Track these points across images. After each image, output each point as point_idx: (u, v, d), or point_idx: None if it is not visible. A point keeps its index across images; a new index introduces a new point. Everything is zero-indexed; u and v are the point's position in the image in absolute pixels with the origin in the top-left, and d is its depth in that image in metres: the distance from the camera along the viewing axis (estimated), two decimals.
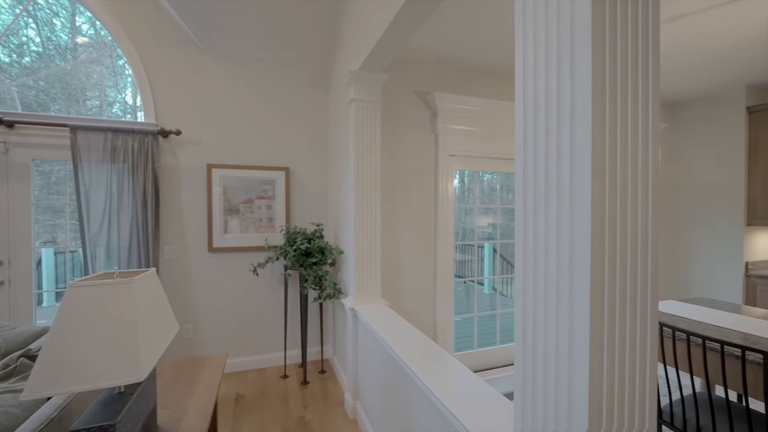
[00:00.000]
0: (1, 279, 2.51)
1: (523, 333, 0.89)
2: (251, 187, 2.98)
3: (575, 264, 0.76)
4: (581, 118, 0.75)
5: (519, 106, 0.90)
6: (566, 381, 0.78)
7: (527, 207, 0.87)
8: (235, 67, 2.96)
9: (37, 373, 0.81)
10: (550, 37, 0.81)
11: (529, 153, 0.87)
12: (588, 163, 0.74)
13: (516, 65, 0.91)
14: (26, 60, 2.79)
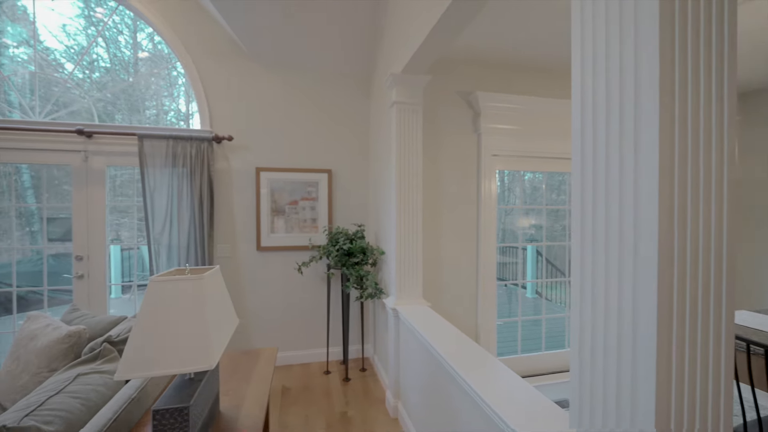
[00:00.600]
0: (82, 272, 2.82)
1: (579, 342, 0.86)
2: (296, 189, 3.10)
3: (640, 270, 0.73)
4: (647, 115, 0.72)
5: (576, 104, 0.88)
6: (629, 397, 0.75)
7: (585, 209, 0.85)
8: (281, 74, 3.10)
9: (126, 358, 0.92)
10: (611, 29, 0.78)
11: (588, 152, 0.84)
12: (655, 163, 0.71)
13: (573, 59, 0.88)
14: (96, 75, 3.11)
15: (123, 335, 1.65)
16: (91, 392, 1.28)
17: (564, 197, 3.80)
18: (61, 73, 2.99)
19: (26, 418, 1.07)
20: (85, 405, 1.23)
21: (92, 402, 1.26)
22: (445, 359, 1.56)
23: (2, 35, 2.94)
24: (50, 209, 3.06)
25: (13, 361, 1.70)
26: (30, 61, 2.97)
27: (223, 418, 1.26)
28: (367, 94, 3.30)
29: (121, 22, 3.37)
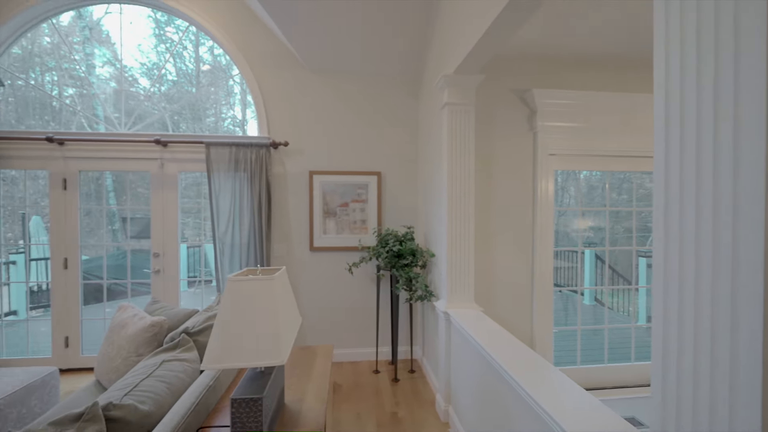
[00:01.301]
0: (158, 268, 3.13)
1: (663, 358, 0.79)
2: (346, 191, 3.19)
3: (741, 276, 0.66)
4: (749, 110, 0.65)
5: (659, 99, 0.81)
6: (726, 422, 0.68)
7: (670, 210, 0.78)
8: (333, 80, 3.21)
9: (210, 350, 1.01)
10: (704, 16, 0.71)
11: (673, 151, 0.77)
12: (762, 162, 0.63)
13: (656, 43, 0.82)
14: (164, 88, 3.43)
15: (197, 327, 1.80)
16: (174, 378, 1.42)
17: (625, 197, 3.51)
18: (136, 87, 3.35)
19: (125, 396, 1.21)
20: (170, 389, 1.37)
21: (175, 386, 1.40)
22: (502, 366, 1.52)
23: (92, 57, 3.36)
24: (126, 209, 3.43)
25: (108, 345, 1.93)
26: (112, 78, 3.36)
27: (287, 410, 1.33)
28: (416, 96, 3.30)
29: (186, 38, 3.69)
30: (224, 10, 3.10)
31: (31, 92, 3.29)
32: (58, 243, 3.10)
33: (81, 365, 3.12)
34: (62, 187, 3.07)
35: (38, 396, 2.07)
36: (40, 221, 5.35)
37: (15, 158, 3.01)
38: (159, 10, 3.24)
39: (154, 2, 3.10)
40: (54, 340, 3.11)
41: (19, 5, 2.94)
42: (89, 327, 3.23)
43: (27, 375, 2.07)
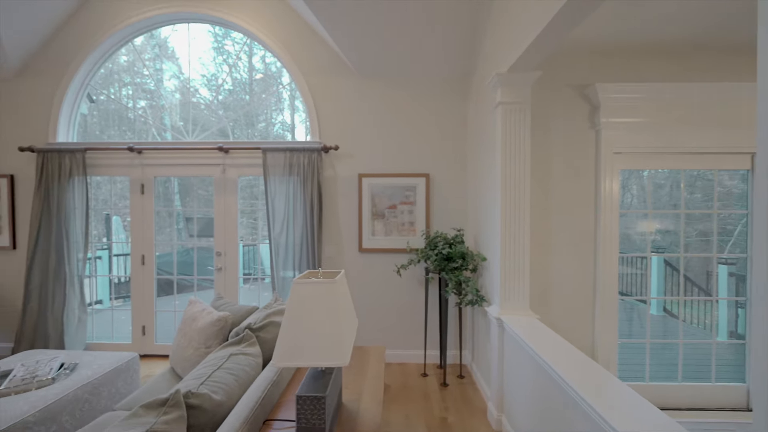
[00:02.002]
0: (220, 266, 3.37)
1: None
2: (394, 194, 3.21)
3: None
4: None
5: (765, 87, 0.72)
6: None
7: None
8: (381, 84, 3.24)
9: (279, 348, 1.06)
10: None
11: None
12: None
13: (760, 30, 0.73)
14: (220, 97, 3.67)
15: (258, 324, 1.91)
16: (241, 371, 1.52)
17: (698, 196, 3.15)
18: (198, 98, 3.63)
19: (201, 386, 1.32)
20: (237, 380, 1.46)
21: (242, 378, 1.49)
22: (565, 380, 1.44)
23: (161, 72, 3.71)
24: (189, 210, 3.73)
25: (182, 337, 2.11)
26: (176, 90, 3.68)
27: (345, 409, 1.37)
28: (465, 97, 3.24)
29: (241, 49, 3.93)
30: (278, 21, 3.26)
31: (111, 105, 3.71)
32: (137, 242, 3.45)
33: (155, 352, 3.45)
34: (140, 191, 3.41)
35: (123, 378, 2.32)
36: (119, 221, 6.00)
37: (103, 166, 3.40)
38: (218, 25, 3.49)
39: (216, 18, 3.34)
40: (133, 329, 3.47)
41: (107, 32, 3.32)
42: (161, 317, 3.56)
43: (115, 359, 2.33)
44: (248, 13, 3.27)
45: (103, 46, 3.38)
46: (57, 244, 3.22)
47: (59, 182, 3.23)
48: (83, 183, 3.26)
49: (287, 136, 3.76)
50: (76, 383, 2.03)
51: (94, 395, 2.09)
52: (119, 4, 3.32)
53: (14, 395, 1.90)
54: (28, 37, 3.25)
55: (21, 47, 3.26)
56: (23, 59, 3.36)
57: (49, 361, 2.20)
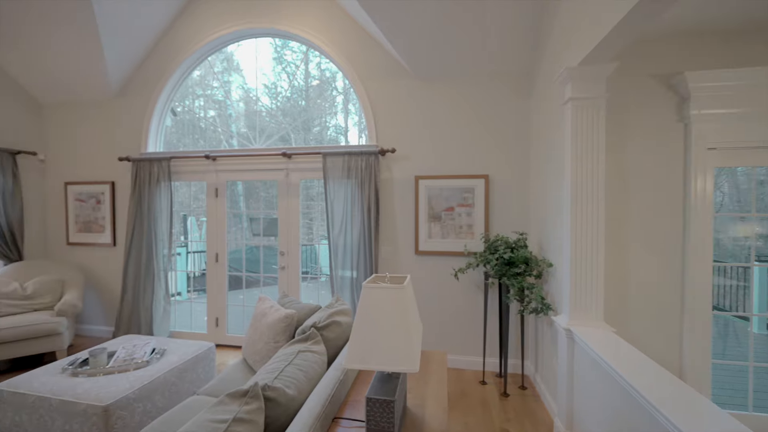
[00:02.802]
0: (283, 265, 3.57)
1: None
2: (452, 196, 3.15)
3: None
4: None
5: None
6: None
7: None
8: (438, 85, 3.21)
9: (350, 350, 1.09)
10: None
11: None
12: None
13: None
14: (279, 104, 3.88)
15: (323, 323, 1.98)
16: (309, 367, 1.59)
17: None
18: (259, 106, 3.87)
19: (275, 380, 1.40)
20: (306, 377, 1.53)
21: (310, 375, 1.56)
22: (654, 405, 1.30)
23: (229, 84, 4.02)
24: (252, 211, 3.99)
25: (253, 331, 2.27)
26: (241, 100, 3.97)
27: (410, 413, 1.37)
28: (527, 94, 3.08)
29: (298, 57, 4.12)
30: (336, 28, 3.37)
31: (186, 116, 4.10)
32: (212, 241, 3.79)
33: (227, 342, 3.75)
34: (215, 195, 3.74)
35: (202, 365, 2.55)
36: (194, 221, 6.64)
37: (184, 172, 3.78)
38: (280, 38, 3.70)
39: (278, 32, 3.55)
40: (208, 320, 3.81)
41: (186, 53, 3.69)
42: (232, 310, 3.86)
43: (195, 347, 2.57)
44: (307, 23, 3.43)
45: (183, 66, 3.76)
46: (147, 242, 3.65)
47: (149, 187, 3.65)
48: (168, 188, 3.66)
49: (340, 139, 3.87)
50: (165, 367, 2.27)
51: (180, 379, 2.33)
52: (196, 28, 3.67)
53: (117, 374, 2.19)
54: (125, 64, 3.72)
55: (119, 73, 3.75)
56: (121, 83, 3.85)
57: (143, 345, 2.49)
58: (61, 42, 3.40)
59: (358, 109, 3.88)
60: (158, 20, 3.60)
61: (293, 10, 3.44)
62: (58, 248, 4.15)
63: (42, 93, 3.99)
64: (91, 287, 4.05)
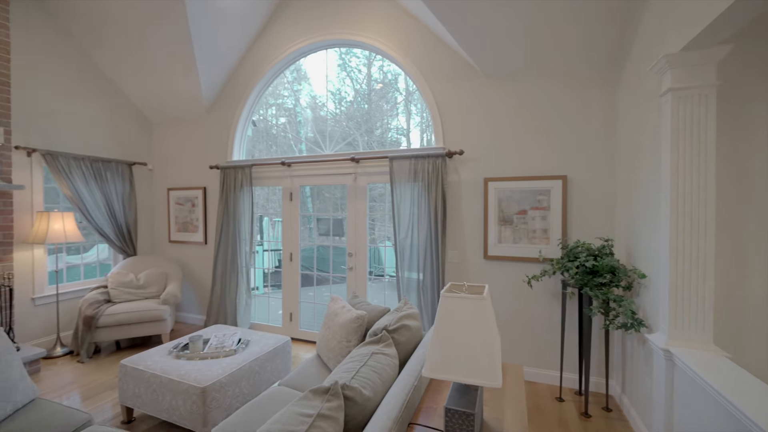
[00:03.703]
0: (352, 265, 3.70)
1: None
2: (524, 198, 2.99)
3: None
4: None
5: None
6: None
7: None
8: (508, 82, 3.06)
9: (430, 359, 1.10)
10: None
11: None
12: None
13: None
14: (343, 108, 4.00)
15: (393, 325, 2.01)
16: (383, 370, 1.63)
17: None
18: (325, 111, 4.05)
19: (352, 380, 1.46)
20: (381, 378, 1.57)
21: (384, 377, 1.59)
22: None
23: (299, 92, 4.27)
24: (319, 213, 4.18)
25: (326, 329, 2.39)
26: (308, 107, 4.19)
27: (487, 427, 1.32)
28: (613, 87, 2.79)
29: (361, 62, 4.22)
30: (401, 31, 3.40)
31: (260, 124, 4.45)
32: (287, 241, 4.07)
33: (299, 336, 4.00)
34: (289, 198, 4.01)
35: (280, 357, 2.75)
36: (267, 222, 7.20)
37: (263, 178, 4.12)
38: (347, 47, 3.83)
39: (345, 41, 3.68)
40: (283, 315, 4.10)
41: (264, 69, 4.02)
42: (304, 306, 4.10)
43: (274, 340, 2.78)
44: (372, 29, 3.51)
45: (261, 81, 4.09)
46: (233, 241, 4.04)
47: (234, 192, 4.04)
48: (250, 192, 4.01)
49: (402, 141, 3.90)
50: (250, 357, 2.49)
51: (262, 368, 2.54)
52: (271, 47, 3.98)
53: (210, 359, 2.45)
54: (214, 84, 4.17)
55: (210, 92, 4.22)
56: (211, 99, 4.33)
57: (231, 335, 2.77)
58: (167, 69, 3.93)
59: (420, 110, 3.87)
60: (240, 43, 3.98)
61: (359, 17, 3.55)
62: (162, 245, 4.80)
63: (152, 113, 4.65)
64: (186, 280, 4.62)
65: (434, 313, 3.16)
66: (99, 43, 3.87)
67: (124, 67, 4.08)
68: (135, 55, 3.89)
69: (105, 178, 4.12)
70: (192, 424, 2.13)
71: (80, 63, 3.98)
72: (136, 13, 3.44)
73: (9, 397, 1.73)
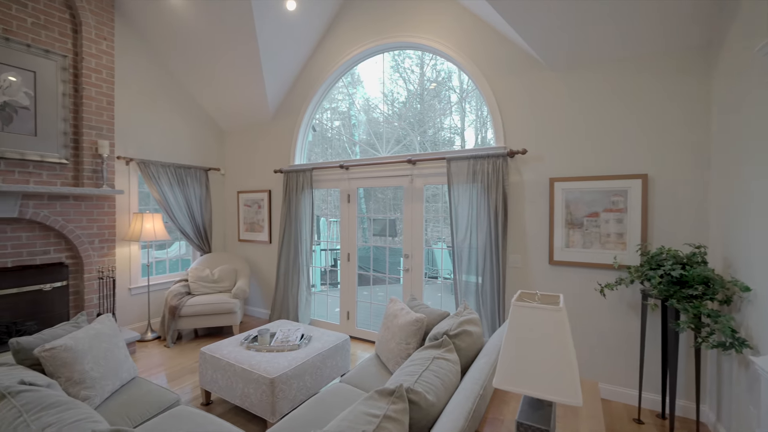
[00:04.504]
0: (407, 267, 3.70)
1: None
2: (596, 200, 2.75)
3: None
4: None
5: None
6: None
7: None
8: (577, 74, 2.85)
9: (501, 369, 1.06)
10: None
11: None
12: None
13: None
14: (396, 109, 3.98)
15: (454, 330, 1.98)
16: (445, 376, 1.60)
17: None
18: (378, 113, 4.08)
19: (416, 383, 1.46)
20: (443, 385, 1.55)
21: (447, 384, 1.57)
22: None
23: (353, 96, 4.37)
24: (373, 214, 4.21)
25: (385, 330, 2.42)
26: (361, 109, 4.25)
27: None
28: (706, 74, 2.46)
29: (414, 62, 4.18)
30: (456, 27, 3.33)
31: (318, 128, 4.63)
32: (345, 242, 4.19)
33: (356, 335, 4.10)
34: (347, 200, 4.13)
35: (340, 354, 2.84)
36: (324, 222, 7.47)
37: (322, 181, 4.30)
38: (402, 49, 3.84)
39: (398, 44, 3.69)
40: (341, 313, 4.23)
41: (323, 76, 4.18)
42: (360, 306, 4.20)
43: (334, 337, 2.88)
44: (426, 29, 3.48)
45: (322, 88, 4.27)
46: (294, 240, 4.27)
47: (296, 194, 4.27)
48: (310, 194, 4.21)
49: (455, 140, 3.80)
50: (312, 352, 2.61)
51: (323, 364, 2.64)
52: (331, 52, 4.12)
53: (276, 352, 2.61)
54: (278, 93, 4.44)
55: (274, 100, 4.50)
56: (275, 107, 4.61)
57: (295, 330, 2.92)
58: (238, 83, 4.27)
59: (474, 108, 3.75)
60: (302, 53, 4.19)
61: (416, 18, 3.54)
62: (232, 243, 5.22)
63: (224, 122, 5.08)
64: (253, 276, 4.97)
65: (494, 319, 3.05)
66: (183, 63, 4.32)
67: (203, 84, 4.51)
68: (212, 72, 4.28)
69: (185, 182, 4.59)
70: (262, 411, 2.28)
71: (167, 81, 4.48)
72: (214, 36, 3.79)
73: (118, 374, 2.01)
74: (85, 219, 3.57)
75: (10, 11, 3.15)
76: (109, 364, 1.97)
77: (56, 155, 3.39)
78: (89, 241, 3.59)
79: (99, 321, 2.14)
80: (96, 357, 1.90)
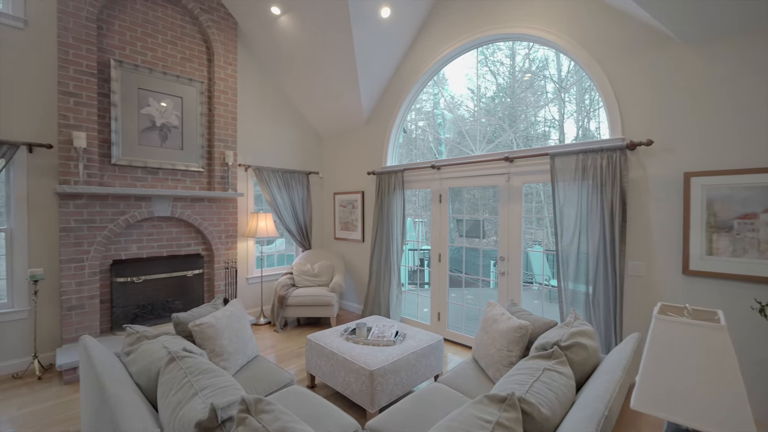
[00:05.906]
0: (503, 270, 3.52)
1: None
2: (752, 197, 2.24)
3: None
4: None
5: None
6: None
7: None
8: (714, 49, 2.35)
9: (640, 390, 0.93)
10: None
11: None
12: None
13: None
14: (483, 104, 3.75)
15: (565, 342, 1.81)
16: (559, 389, 1.47)
17: None
18: (464, 110, 3.92)
19: (527, 393, 1.37)
20: (558, 399, 1.43)
21: (561, 398, 1.44)
22: None
23: (438, 96, 4.30)
24: (459, 215, 4.08)
25: (484, 334, 2.34)
26: (446, 108, 4.14)
27: None
28: None
29: (506, 55, 3.90)
30: (557, 9, 3.02)
31: (406, 129, 4.68)
32: (435, 242, 4.18)
33: (447, 337, 4.05)
34: (438, 201, 4.11)
35: (434, 354, 2.83)
36: (411, 222, 7.55)
37: (413, 182, 4.35)
38: (492, 42, 3.64)
39: (491, 37, 3.51)
40: (431, 313, 4.23)
41: (413, 79, 4.23)
42: (451, 308, 4.13)
43: (428, 337, 2.88)
44: (522, 16, 3.24)
45: (414, 89, 4.32)
46: (386, 240, 4.41)
47: (388, 195, 4.40)
48: (401, 195, 4.30)
49: (552, 134, 3.44)
50: (408, 349, 2.65)
51: (418, 362, 2.67)
52: (423, 54, 4.14)
53: (372, 346, 2.72)
54: (371, 97, 4.64)
55: (368, 104, 4.71)
56: (368, 112, 4.83)
57: (389, 327, 3.01)
58: (335, 89, 4.60)
59: (575, 97, 3.36)
60: (394, 57, 4.30)
61: (508, 6, 3.33)
62: (329, 241, 5.63)
63: (322, 128, 5.52)
64: (347, 272, 5.28)
65: (608, 334, 2.70)
66: (288, 76, 4.82)
67: (304, 94, 4.98)
68: (312, 82, 4.69)
69: (290, 185, 5.10)
70: (362, 400, 2.40)
71: (275, 94, 5.05)
72: (316, 49, 4.14)
73: (245, 350, 2.33)
74: (216, 218, 4.24)
75: (166, 50, 3.92)
76: (239, 341, 2.30)
77: (196, 165, 4.10)
78: (218, 237, 4.25)
79: (231, 304, 2.51)
80: (231, 335, 2.24)
